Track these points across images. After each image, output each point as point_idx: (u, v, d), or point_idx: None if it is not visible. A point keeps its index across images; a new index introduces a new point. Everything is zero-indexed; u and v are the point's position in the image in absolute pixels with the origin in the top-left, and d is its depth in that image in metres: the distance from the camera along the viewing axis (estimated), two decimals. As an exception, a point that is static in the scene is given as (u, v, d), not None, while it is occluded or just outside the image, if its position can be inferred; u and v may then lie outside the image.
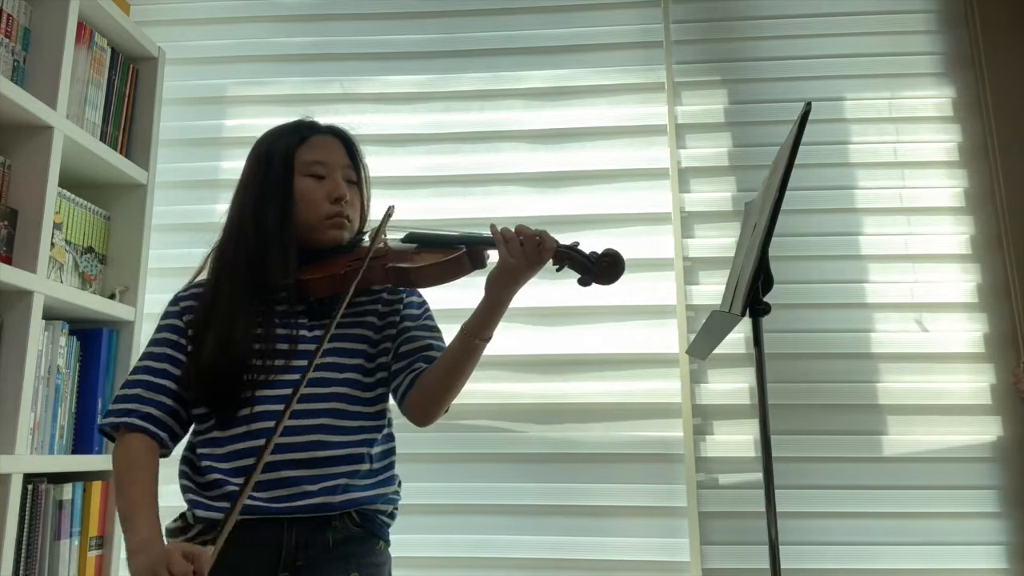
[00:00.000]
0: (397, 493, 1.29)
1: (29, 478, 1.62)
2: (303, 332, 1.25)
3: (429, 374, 1.27)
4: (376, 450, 1.26)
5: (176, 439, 1.25)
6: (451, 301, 1.56)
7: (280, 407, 1.11)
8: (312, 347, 1.22)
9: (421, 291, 1.38)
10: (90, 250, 1.93)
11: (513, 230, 1.21)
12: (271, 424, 1.14)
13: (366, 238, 1.36)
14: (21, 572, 1.60)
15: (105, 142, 1.95)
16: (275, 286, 1.24)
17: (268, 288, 1.24)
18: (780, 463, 1.74)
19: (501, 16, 2.30)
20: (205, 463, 1.20)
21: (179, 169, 2.22)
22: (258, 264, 1.24)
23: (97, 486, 1.83)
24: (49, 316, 1.72)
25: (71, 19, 1.79)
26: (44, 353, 1.70)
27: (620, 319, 2.04)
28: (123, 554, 1.88)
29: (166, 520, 1.20)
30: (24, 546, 1.61)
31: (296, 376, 1.18)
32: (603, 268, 1.21)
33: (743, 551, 1.88)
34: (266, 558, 1.16)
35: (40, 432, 1.69)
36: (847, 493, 1.91)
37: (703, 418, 1.99)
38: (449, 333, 1.33)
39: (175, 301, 1.30)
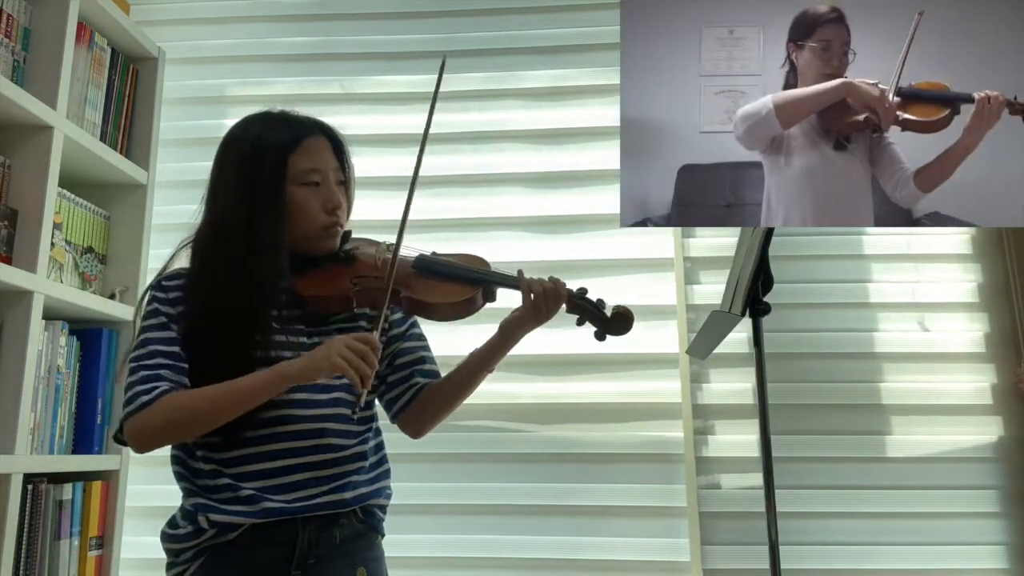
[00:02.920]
0: (390, 487, 1.31)
1: (29, 478, 1.62)
2: (302, 339, 1.23)
3: (432, 394, 1.33)
4: (370, 446, 1.28)
5: None
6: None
7: (291, 411, 1.17)
8: None
9: None
10: (90, 250, 1.93)
11: (538, 280, 1.26)
12: (284, 428, 1.18)
13: (354, 241, 1.32)
14: (21, 572, 1.60)
15: (105, 142, 1.95)
16: (269, 293, 1.19)
17: (261, 294, 1.19)
18: (780, 463, 1.74)
19: (501, 16, 2.30)
20: (210, 466, 1.18)
21: (179, 169, 2.22)
22: (249, 271, 1.18)
23: (97, 486, 1.83)
24: (49, 316, 1.72)
25: (71, 19, 1.79)
26: (44, 353, 1.70)
27: (620, 319, 2.04)
28: (123, 554, 1.88)
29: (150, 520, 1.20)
30: (24, 546, 1.61)
31: None
32: (618, 325, 1.32)
33: (743, 551, 1.88)
34: (282, 558, 1.17)
35: (40, 432, 1.69)
36: (848, 493, 1.90)
37: (703, 418, 1.98)
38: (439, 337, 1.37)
39: (162, 289, 1.21)
